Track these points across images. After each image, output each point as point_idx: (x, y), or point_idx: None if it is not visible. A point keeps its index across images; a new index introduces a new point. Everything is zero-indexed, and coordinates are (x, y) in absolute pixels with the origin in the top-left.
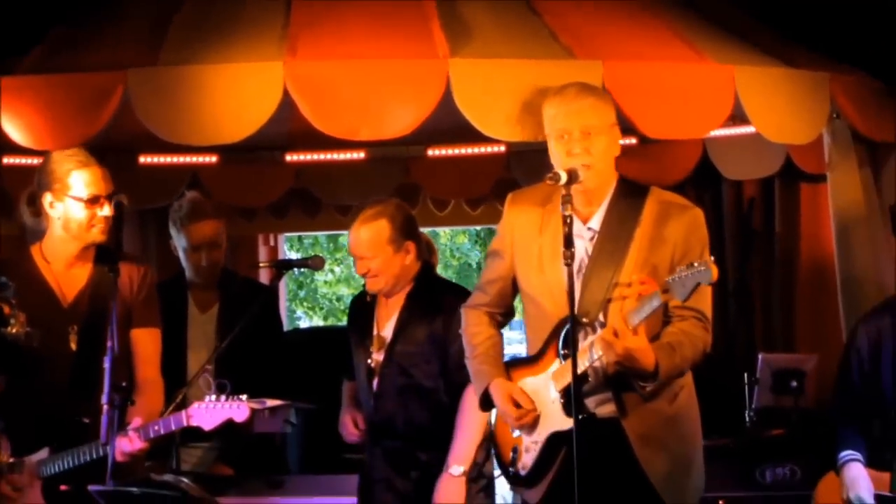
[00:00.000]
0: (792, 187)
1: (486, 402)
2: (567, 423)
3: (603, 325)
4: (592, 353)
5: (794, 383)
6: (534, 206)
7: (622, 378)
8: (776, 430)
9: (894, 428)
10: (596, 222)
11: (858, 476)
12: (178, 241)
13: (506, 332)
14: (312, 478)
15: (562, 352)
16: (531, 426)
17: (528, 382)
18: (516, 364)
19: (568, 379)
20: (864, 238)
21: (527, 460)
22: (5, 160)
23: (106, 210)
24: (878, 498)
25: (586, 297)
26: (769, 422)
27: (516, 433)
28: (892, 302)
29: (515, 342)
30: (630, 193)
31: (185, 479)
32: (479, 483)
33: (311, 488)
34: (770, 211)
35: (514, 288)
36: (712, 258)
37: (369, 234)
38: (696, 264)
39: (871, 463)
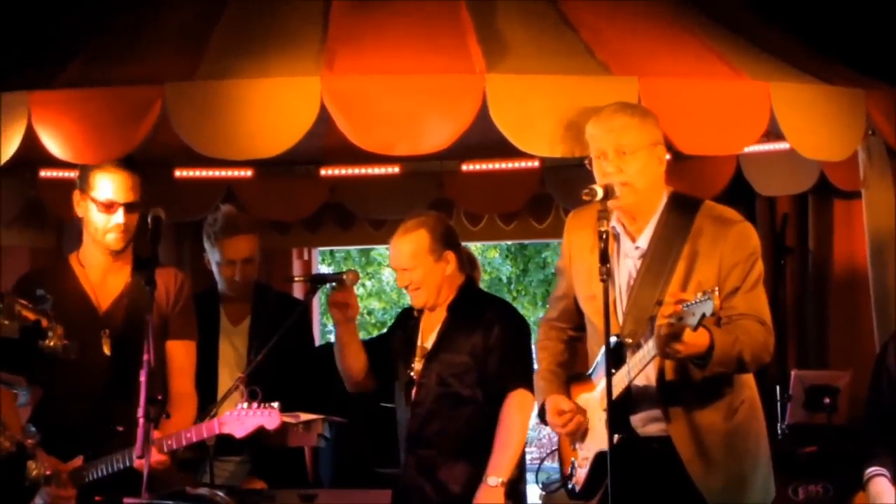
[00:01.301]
0: (826, 204)
1: (543, 417)
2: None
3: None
4: (630, 374)
5: (827, 400)
6: (588, 225)
7: (670, 392)
8: (809, 447)
9: None
10: (644, 241)
11: (883, 491)
12: (212, 255)
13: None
14: (345, 492)
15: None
16: (579, 435)
17: (583, 398)
18: (576, 380)
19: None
20: None
21: (580, 475)
22: (42, 173)
23: (119, 217)
24: None
25: (631, 316)
26: (802, 438)
27: (574, 447)
28: None
29: None
30: (680, 209)
31: (220, 493)
32: (509, 501)
33: (343, 502)
34: (804, 227)
35: (578, 307)
36: (715, 290)
37: (409, 244)
38: (705, 293)
39: None
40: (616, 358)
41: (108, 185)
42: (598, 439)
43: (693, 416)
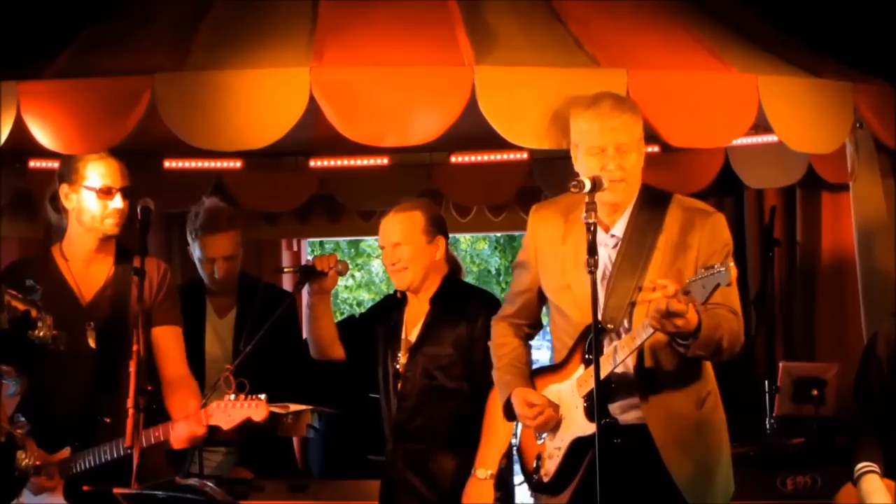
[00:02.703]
0: (813, 196)
1: (510, 412)
2: (590, 429)
3: (627, 331)
4: (616, 358)
5: (815, 392)
6: (556, 217)
7: (647, 379)
8: (797, 439)
9: None
10: (619, 230)
11: (875, 489)
12: (194, 250)
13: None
14: (335, 482)
15: (587, 357)
16: (550, 427)
17: (552, 389)
18: (541, 372)
19: (591, 384)
20: (886, 247)
21: (550, 467)
22: (32, 163)
23: (118, 202)
24: None
25: (611, 303)
26: (790, 430)
27: (540, 440)
28: None
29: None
30: (652, 201)
31: (210, 483)
32: (497, 493)
33: (333, 492)
34: (791, 220)
35: (541, 299)
36: (732, 262)
37: (404, 220)
38: (715, 266)
39: (889, 473)
40: (592, 346)
41: (104, 172)
42: (573, 428)
43: (668, 402)
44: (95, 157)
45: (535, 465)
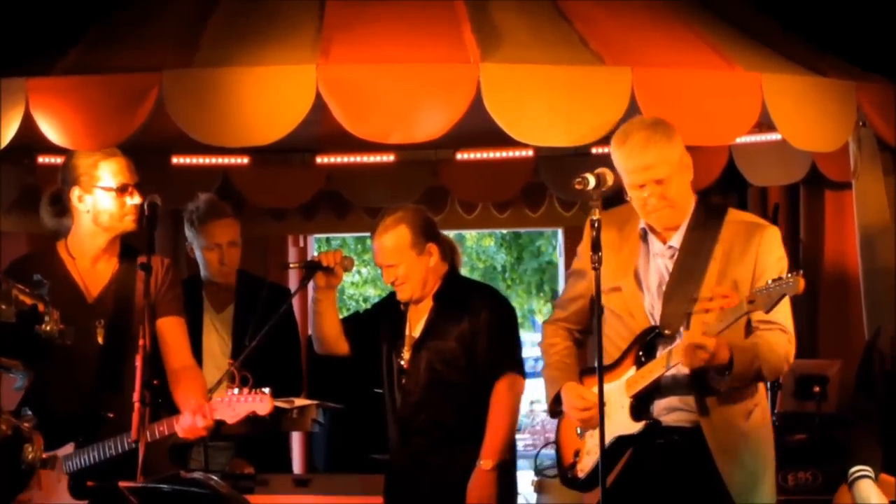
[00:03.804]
0: (816, 194)
1: (554, 408)
2: (633, 428)
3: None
4: (669, 363)
5: (817, 389)
6: (611, 228)
7: (701, 383)
8: (798, 436)
9: None
10: (676, 241)
11: (870, 495)
12: (196, 241)
13: (527, 333)
14: (339, 476)
15: (640, 359)
16: (595, 423)
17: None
18: (591, 372)
19: (641, 385)
20: (888, 245)
21: (587, 463)
22: (40, 159)
23: (135, 198)
24: None
25: (668, 311)
26: (792, 427)
27: (581, 437)
28: None
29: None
30: (709, 213)
31: (215, 477)
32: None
33: (337, 487)
34: (795, 217)
35: (593, 307)
36: (800, 272)
37: (391, 241)
38: (783, 277)
39: (887, 468)
40: (648, 349)
41: (116, 170)
42: (616, 426)
43: (722, 410)
44: (103, 157)
45: (573, 460)
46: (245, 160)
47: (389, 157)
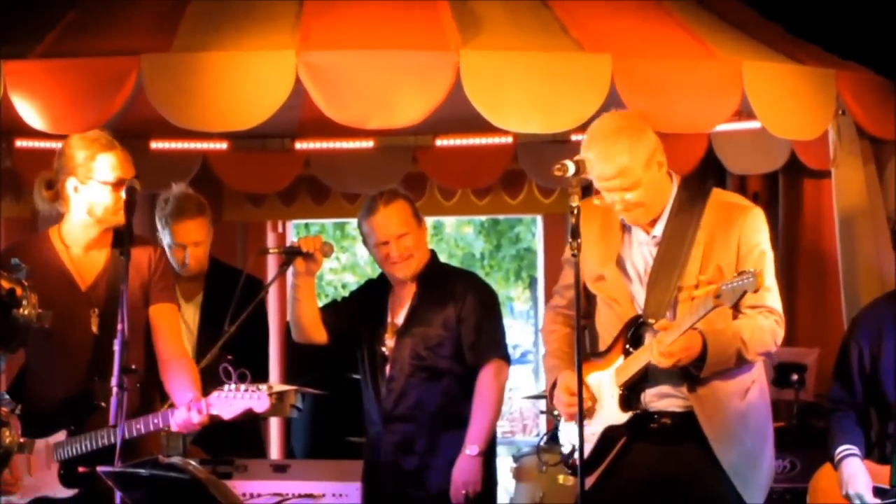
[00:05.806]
0: (795, 183)
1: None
2: (621, 418)
3: None
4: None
5: (795, 377)
6: (596, 216)
7: (685, 371)
8: (776, 423)
9: (894, 420)
10: (659, 230)
11: (857, 472)
12: (163, 237)
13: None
14: (317, 462)
15: (627, 348)
16: (580, 416)
17: (593, 377)
18: (587, 358)
19: (629, 374)
20: (866, 233)
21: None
22: (18, 143)
23: (124, 193)
24: (876, 490)
25: (652, 299)
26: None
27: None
28: (894, 295)
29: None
30: (691, 197)
31: (193, 462)
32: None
33: (315, 473)
34: (773, 206)
35: (588, 294)
36: (760, 270)
37: (398, 211)
38: (744, 273)
39: (870, 455)
40: (635, 338)
41: (115, 165)
42: (607, 415)
43: (715, 392)
44: (102, 149)
45: (571, 448)
46: (224, 145)
47: (369, 143)
